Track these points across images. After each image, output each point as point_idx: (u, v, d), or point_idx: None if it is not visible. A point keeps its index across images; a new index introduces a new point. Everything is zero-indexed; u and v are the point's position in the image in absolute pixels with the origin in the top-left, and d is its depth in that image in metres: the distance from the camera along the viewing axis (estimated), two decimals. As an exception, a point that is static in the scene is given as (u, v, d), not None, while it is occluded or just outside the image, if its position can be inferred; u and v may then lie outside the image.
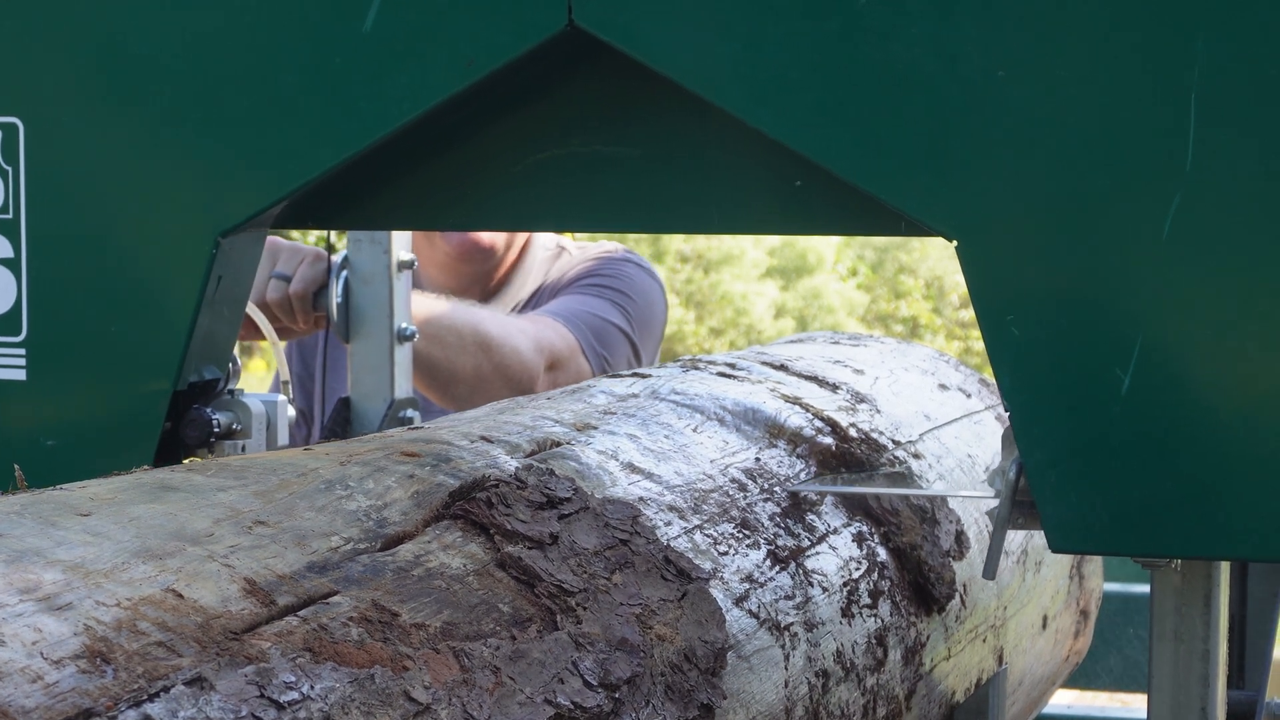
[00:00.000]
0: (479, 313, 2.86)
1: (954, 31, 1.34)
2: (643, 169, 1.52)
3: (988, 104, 1.34)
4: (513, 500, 1.29)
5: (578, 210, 1.55)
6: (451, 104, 1.47)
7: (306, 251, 2.54)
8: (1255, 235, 1.31)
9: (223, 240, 1.54)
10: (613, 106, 1.52)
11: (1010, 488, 1.41)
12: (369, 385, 2.42)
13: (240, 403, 1.69)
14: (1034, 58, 1.33)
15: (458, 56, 1.45)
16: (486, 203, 1.57)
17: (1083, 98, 1.32)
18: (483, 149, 1.55)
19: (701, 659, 1.29)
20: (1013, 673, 2.08)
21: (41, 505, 1.10)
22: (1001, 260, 1.36)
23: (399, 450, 1.37)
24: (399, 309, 2.41)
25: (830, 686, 1.53)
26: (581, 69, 1.51)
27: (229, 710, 0.92)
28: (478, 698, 1.07)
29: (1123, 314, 1.33)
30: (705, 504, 1.54)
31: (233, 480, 1.22)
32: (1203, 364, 1.33)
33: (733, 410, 1.80)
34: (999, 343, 1.36)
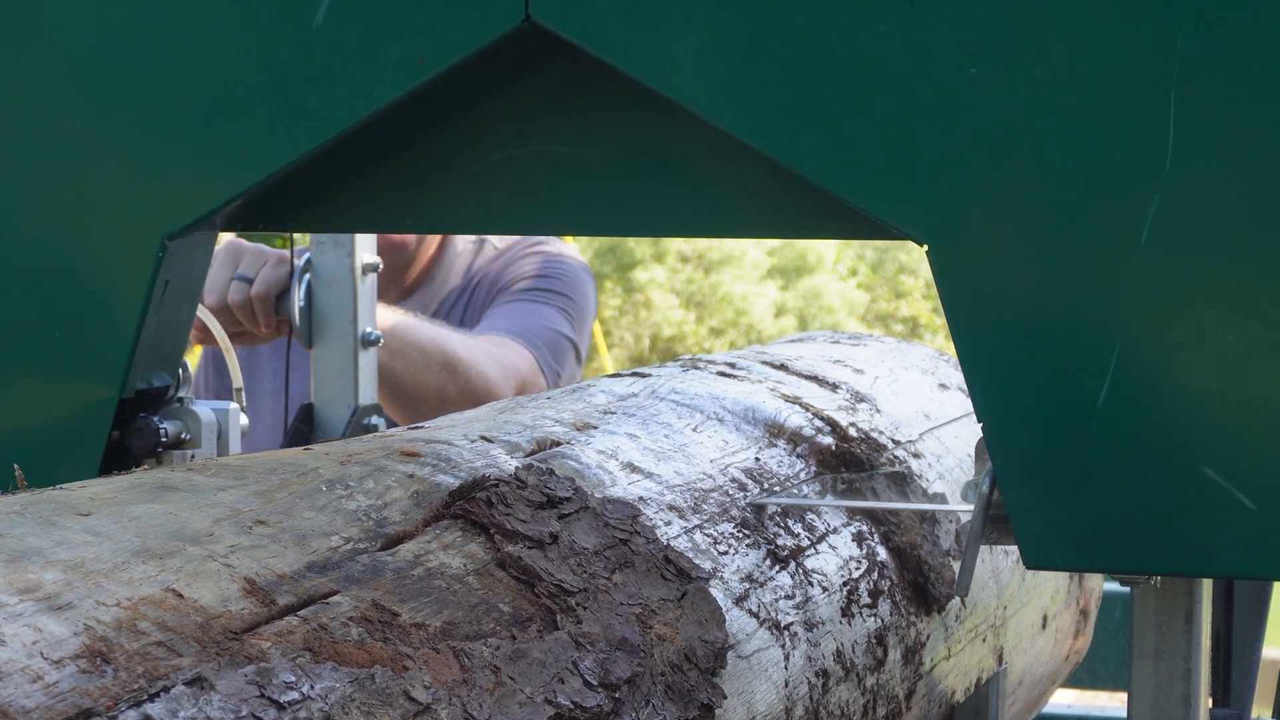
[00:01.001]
0: (447, 333, 2.80)
1: (924, 27, 1.29)
2: (605, 169, 1.47)
3: (959, 102, 1.29)
4: (513, 500, 1.29)
5: (538, 212, 1.51)
6: (405, 102, 1.43)
7: (270, 254, 2.48)
8: (1238, 239, 1.26)
9: (170, 243, 1.49)
10: (573, 105, 1.47)
11: (983, 501, 1.36)
12: (332, 391, 2.36)
13: (190, 411, 1.64)
14: (1007, 53, 1.28)
15: (410, 53, 1.40)
16: (444, 204, 1.52)
17: (1058, 95, 1.28)
18: (439, 149, 1.51)
19: (701, 659, 1.29)
20: (1013, 672, 2.08)
21: (41, 505, 1.10)
22: (974, 265, 1.31)
23: (399, 450, 1.37)
24: (363, 313, 2.36)
25: (830, 686, 1.53)
26: (540, 66, 1.46)
27: (229, 710, 0.92)
28: (478, 697, 1.08)
29: (1099, 322, 1.29)
30: (705, 503, 1.54)
31: (233, 480, 1.22)
32: (1182, 374, 1.28)
33: (733, 410, 1.80)
34: (971, 351, 1.32)
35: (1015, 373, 1.30)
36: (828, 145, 1.32)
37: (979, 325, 1.31)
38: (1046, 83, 1.27)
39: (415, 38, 1.40)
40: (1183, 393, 1.28)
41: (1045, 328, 1.30)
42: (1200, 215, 1.26)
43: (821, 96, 1.32)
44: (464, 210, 1.51)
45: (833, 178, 1.33)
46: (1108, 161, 1.27)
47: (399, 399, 2.69)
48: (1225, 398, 1.27)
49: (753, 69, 1.33)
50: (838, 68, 1.31)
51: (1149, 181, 1.26)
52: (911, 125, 1.30)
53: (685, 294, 16.68)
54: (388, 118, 1.44)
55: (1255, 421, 1.27)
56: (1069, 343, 1.29)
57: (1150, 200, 1.26)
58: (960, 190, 1.30)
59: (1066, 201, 1.28)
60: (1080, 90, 1.27)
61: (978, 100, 1.29)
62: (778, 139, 1.34)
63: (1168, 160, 1.26)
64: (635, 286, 16.11)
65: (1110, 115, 1.27)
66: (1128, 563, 1.32)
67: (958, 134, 1.30)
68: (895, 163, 1.31)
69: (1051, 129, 1.28)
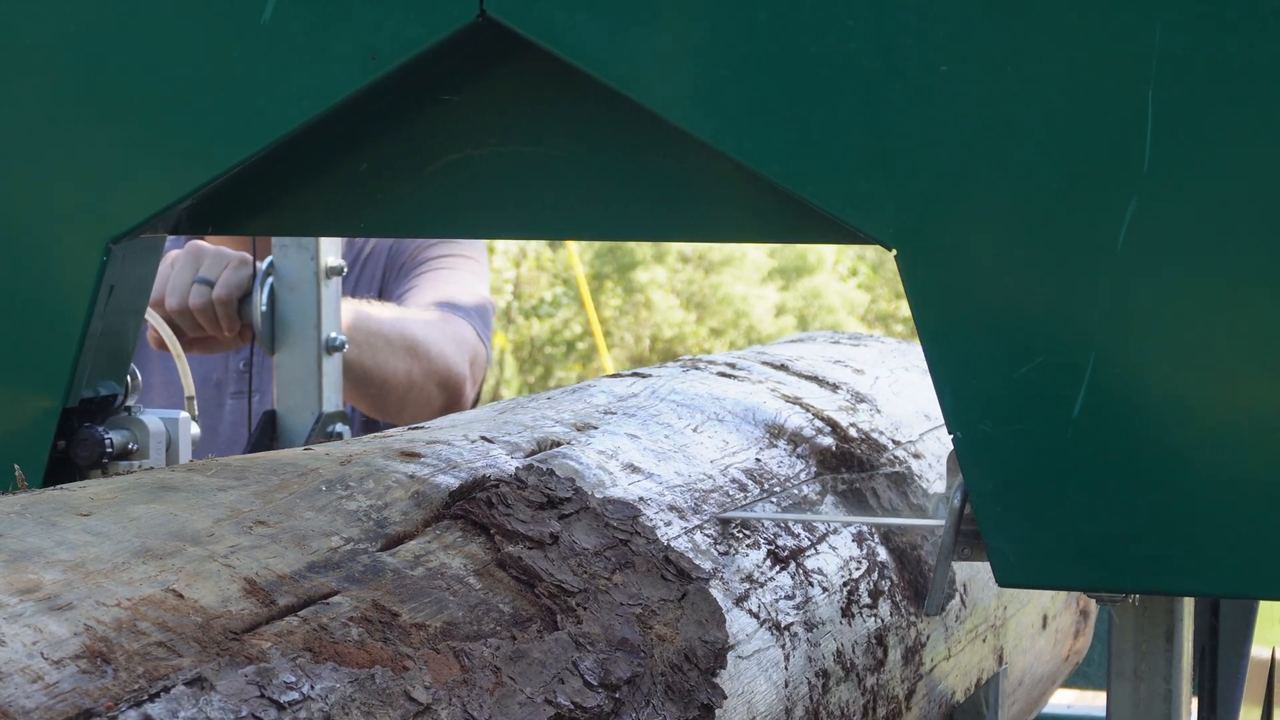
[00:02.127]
0: (403, 315, 2.74)
1: (893, 22, 1.24)
2: (565, 171, 1.41)
3: (929, 100, 1.24)
4: (513, 500, 1.29)
5: (497, 214, 1.44)
6: (358, 100, 1.38)
7: (231, 256, 2.40)
8: (1218, 243, 1.21)
9: (114, 247, 1.43)
10: (533, 104, 1.41)
11: (955, 516, 1.30)
12: (296, 398, 2.29)
13: (138, 420, 1.60)
14: (979, 50, 1.23)
15: (362, 49, 1.35)
16: (399, 206, 1.46)
17: (1031, 93, 1.23)
18: (394, 149, 1.45)
19: (701, 659, 1.29)
20: (1013, 673, 2.08)
21: (41, 505, 1.10)
22: (944, 271, 1.26)
23: (399, 450, 1.38)
24: (327, 318, 2.29)
25: (830, 686, 1.53)
26: (498, 63, 1.41)
27: (229, 710, 0.92)
28: (478, 698, 1.08)
29: (1075, 329, 1.23)
30: (705, 504, 1.54)
31: (233, 480, 1.22)
32: (1161, 383, 1.23)
33: (733, 410, 1.80)
34: (942, 360, 1.26)
35: (987, 382, 1.25)
36: (792, 146, 1.27)
37: (949, 333, 1.26)
38: (1020, 80, 1.23)
39: (367, 33, 1.35)
40: (1161, 403, 1.23)
41: (1018, 335, 1.25)
42: (1179, 218, 1.21)
43: (785, 95, 1.27)
44: (420, 212, 1.46)
45: (797, 180, 1.28)
46: (1083, 162, 1.22)
47: (368, 389, 2.63)
48: (1206, 408, 1.22)
49: (714, 66, 1.28)
50: (803, 65, 1.26)
51: (1126, 183, 1.21)
52: (879, 125, 1.25)
53: (685, 294, 16.68)
54: (340, 116, 1.40)
55: (1237, 432, 1.22)
56: (1043, 351, 1.24)
57: (1127, 203, 1.21)
58: (930, 193, 1.25)
59: (1040, 204, 1.24)
60: (1055, 88, 1.22)
61: (948, 99, 1.24)
62: (740, 139, 1.29)
63: (1145, 161, 1.21)
64: (635, 287, 16.10)
65: (1086, 114, 1.22)
66: (1105, 581, 1.27)
67: (927, 134, 1.25)
68: (862, 164, 1.26)
69: (1025, 128, 1.23)
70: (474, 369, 2.81)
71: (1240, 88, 1.19)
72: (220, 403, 2.90)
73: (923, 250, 1.26)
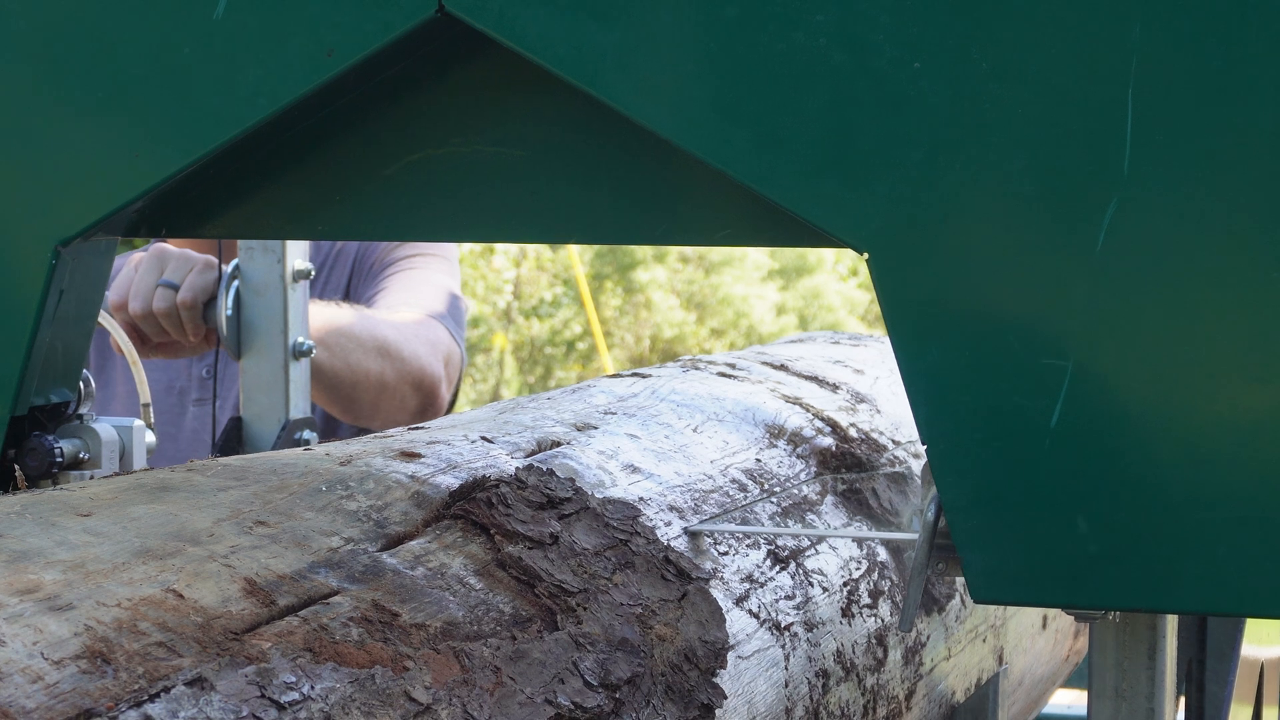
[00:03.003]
0: (374, 317, 2.69)
1: (863, 18, 1.20)
2: (529, 171, 1.36)
3: (901, 99, 1.20)
4: (513, 500, 1.29)
5: (459, 217, 1.39)
6: (314, 99, 1.33)
7: (197, 259, 2.34)
8: (1202, 247, 1.16)
9: (63, 250, 1.38)
10: (495, 103, 1.36)
11: (929, 530, 1.26)
12: (261, 404, 2.23)
13: (90, 429, 1.55)
14: (953, 47, 1.19)
15: (318, 46, 1.30)
16: (358, 209, 1.41)
17: (1007, 92, 1.18)
18: (352, 150, 1.40)
19: (702, 659, 1.29)
20: (1013, 673, 2.08)
21: (42, 505, 1.10)
22: (917, 275, 1.21)
23: (399, 450, 1.38)
24: (294, 322, 2.23)
25: (830, 686, 1.53)
26: (460, 61, 1.36)
27: (230, 710, 0.92)
28: (478, 698, 1.08)
29: (1052, 336, 1.19)
30: (705, 504, 1.54)
31: (233, 480, 1.22)
32: (1142, 393, 1.18)
33: (733, 410, 1.81)
34: (914, 368, 1.22)
35: (962, 391, 1.21)
36: (759, 146, 1.22)
37: (922, 339, 1.21)
38: (995, 78, 1.18)
39: (322, 30, 1.30)
40: (1142, 413, 1.18)
41: (994, 342, 1.20)
42: (1160, 221, 1.16)
43: (752, 93, 1.22)
44: (380, 215, 1.41)
45: (765, 181, 1.23)
46: (1061, 163, 1.18)
47: (340, 393, 2.58)
48: (1188, 418, 1.18)
49: (679, 63, 1.24)
50: (770, 62, 1.22)
51: (1105, 185, 1.17)
52: (849, 124, 1.21)
53: (686, 294, 16.68)
54: (296, 116, 1.35)
55: (1221, 443, 1.17)
56: (1019, 359, 1.20)
57: (1107, 205, 1.17)
58: (901, 194, 1.20)
59: (1016, 206, 1.19)
60: (1031, 86, 1.18)
61: (921, 97, 1.19)
62: (706, 139, 1.24)
63: (1125, 162, 1.16)
64: (636, 287, 16.11)
65: (1064, 113, 1.17)
66: (1084, 598, 1.22)
67: (899, 133, 1.20)
68: (832, 165, 1.21)
69: (1000, 128, 1.18)
70: (448, 369, 2.77)
71: (1224, 86, 1.15)
72: (182, 410, 2.85)
73: (894, 254, 1.22)
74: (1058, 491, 1.20)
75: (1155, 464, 1.18)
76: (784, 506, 1.65)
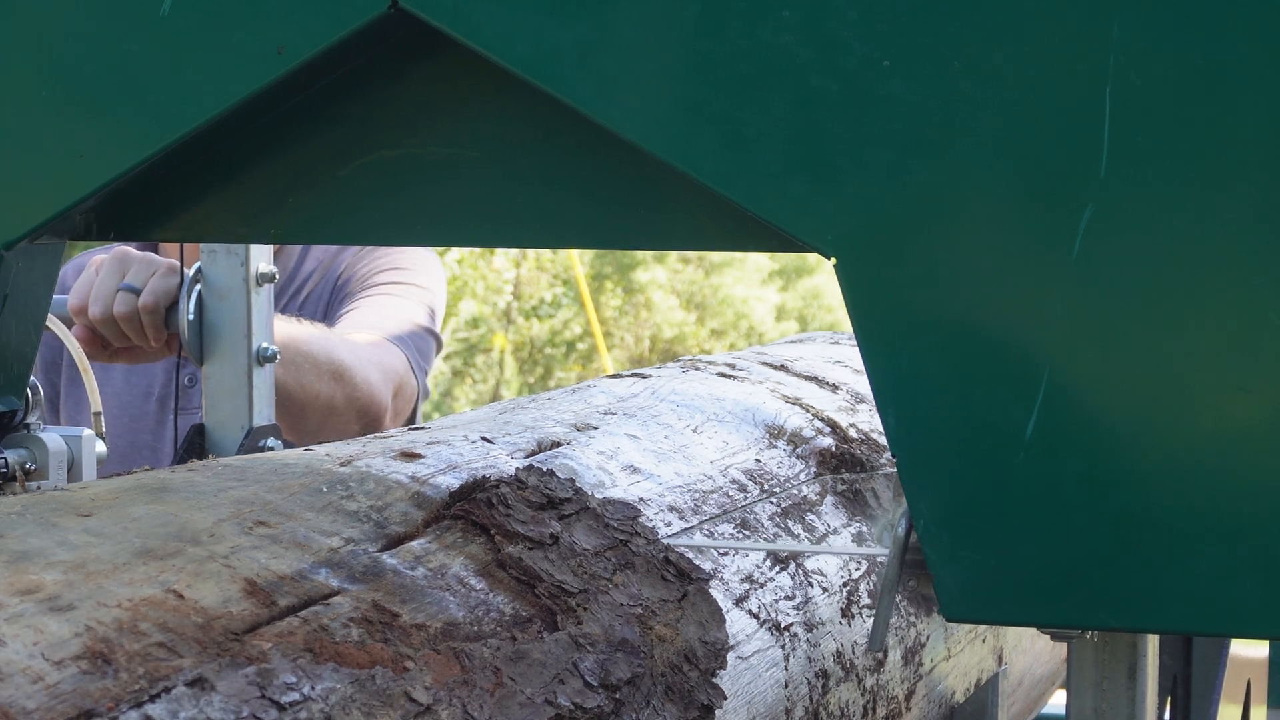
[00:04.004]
0: (333, 339, 2.63)
1: (831, 14, 1.15)
2: (486, 174, 1.31)
3: (870, 99, 1.15)
4: (513, 501, 1.29)
5: (414, 219, 1.34)
6: (265, 98, 1.29)
7: (159, 262, 2.27)
8: (1182, 253, 1.12)
9: (6, 254, 1.35)
10: (452, 103, 1.32)
11: (899, 546, 1.20)
12: (225, 411, 2.15)
13: (37, 438, 1.52)
14: (924, 44, 1.14)
15: (268, 43, 1.26)
16: (311, 212, 1.36)
17: (980, 91, 1.13)
18: (306, 151, 1.35)
19: (701, 659, 1.29)
20: (1013, 673, 2.09)
21: (42, 506, 1.10)
22: (886, 281, 1.16)
23: (399, 451, 1.38)
24: (258, 327, 2.15)
25: (830, 687, 1.53)
26: (414, 60, 1.32)
27: (230, 711, 0.92)
28: (478, 698, 1.08)
29: (1027, 345, 1.14)
30: (705, 504, 1.54)
31: (233, 481, 1.23)
32: (1120, 404, 1.14)
33: (733, 411, 1.81)
34: (884, 378, 1.17)
35: (933, 401, 1.16)
36: (723, 146, 1.18)
37: (892, 348, 1.16)
38: (968, 76, 1.13)
39: (272, 26, 1.26)
40: (1120, 424, 1.13)
41: (966, 351, 1.15)
42: (1139, 226, 1.12)
43: (716, 92, 1.18)
44: (333, 218, 1.36)
45: (729, 183, 1.19)
46: (1036, 165, 1.13)
47: (288, 412, 2.51)
48: (1169, 430, 1.13)
49: (641, 61, 1.19)
50: (734, 60, 1.17)
51: (1081, 189, 1.12)
52: (816, 124, 1.16)
53: (686, 295, 16.69)
54: (246, 115, 1.31)
55: (1202, 456, 1.13)
56: (993, 368, 1.15)
57: (1083, 210, 1.12)
58: (870, 197, 1.16)
59: (990, 210, 1.14)
60: (1005, 85, 1.13)
61: (890, 96, 1.14)
62: (668, 139, 1.19)
63: (1103, 165, 1.12)
64: (636, 287, 16.11)
65: (1039, 114, 1.13)
66: (1060, 617, 1.17)
67: (868, 134, 1.15)
68: (798, 166, 1.17)
69: (973, 129, 1.14)
70: (398, 400, 2.71)
71: (1206, 85, 1.11)
72: (162, 419, 2.80)
73: (863, 259, 1.17)
74: (1033, 505, 1.15)
75: (1134, 477, 1.14)
76: (784, 507, 1.65)
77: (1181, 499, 1.13)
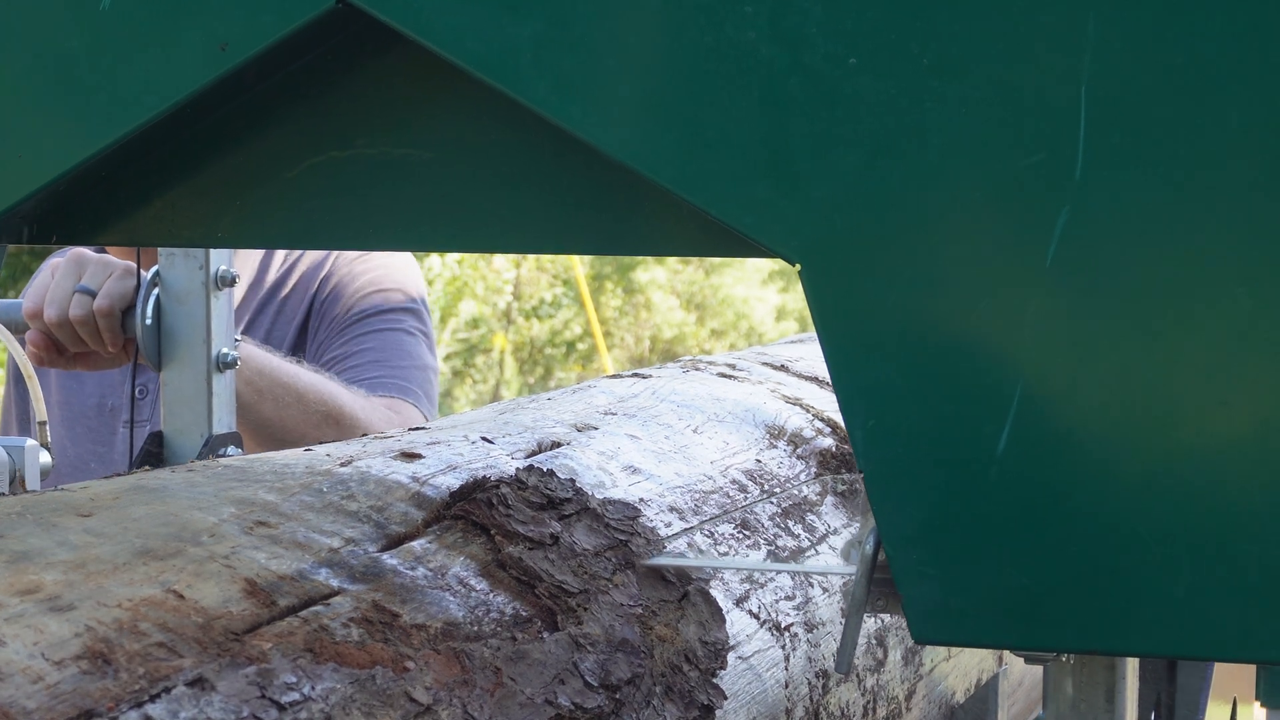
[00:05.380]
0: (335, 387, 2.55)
1: (796, 10, 1.10)
2: (439, 175, 1.26)
3: (837, 97, 1.10)
4: (513, 501, 1.29)
5: (366, 222, 1.29)
6: (209, 96, 1.25)
7: (116, 264, 2.21)
8: (1161, 260, 1.06)
9: None
10: (405, 101, 1.27)
11: (867, 564, 1.15)
12: (184, 419, 2.08)
13: None
14: (893, 41, 1.09)
15: (211, 39, 1.21)
16: (258, 215, 1.31)
17: (949, 90, 1.08)
18: (252, 152, 1.30)
19: (702, 659, 1.29)
20: (1013, 673, 2.09)
21: (42, 506, 1.10)
22: (853, 289, 1.11)
23: (400, 451, 1.38)
24: (217, 331, 2.08)
25: (830, 687, 1.53)
26: (365, 57, 1.28)
27: (230, 711, 0.92)
28: (478, 698, 1.08)
29: (999, 355, 1.09)
30: (706, 505, 1.54)
31: (234, 481, 1.23)
32: (1096, 417, 1.08)
33: (733, 411, 1.81)
34: (851, 389, 1.12)
35: (901, 414, 1.11)
36: (684, 147, 1.13)
37: (859, 358, 1.12)
38: (937, 75, 1.08)
39: (215, 22, 1.21)
40: (1096, 438, 1.08)
41: (935, 361, 1.10)
42: (1116, 231, 1.07)
43: (677, 92, 1.13)
44: (283, 221, 1.30)
45: (690, 185, 1.13)
46: (1008, 168, 1.08)
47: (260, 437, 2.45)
48: (1145, 443, 1.08)
49: (599, 59, 1.14)
50: (695, 58, 1.12)
51: (1056, 192, 1.07)
52: (781, 125, 1.11)
53: (686, 295, 16.69)
54: (191, 114, 1.27)
55: (1182, 472, 1.07)
56: (964, 379, 1.10)
57: (1057, 214, 1.07)
58: (837, 201, 1.11)
59: (960, 215, 1.09)
60: (976, 85, 1.08)
61: (857, 96, 1.09)
62: (627, 140, 1.14)
63: (1078, 167, 1.07)
64: (636, 288, 16.11)
65: (1011, 114, 1.07)
66: (1033, 639, 1.11)
67: (835, 135, 1.10)
68: (762, 168, 1.12)
69: (943, 130, 1.08)
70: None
71: (1185, 86, 1.05)
72: (113, 429, 2.73)
73: (829, 265, 1.12)
74: (1005, 523, 1.10)
75: (1110, 494, 1.08)
76: (784, 507, 1.65)
77: (1159, 517, 1.08)
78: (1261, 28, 1.05)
